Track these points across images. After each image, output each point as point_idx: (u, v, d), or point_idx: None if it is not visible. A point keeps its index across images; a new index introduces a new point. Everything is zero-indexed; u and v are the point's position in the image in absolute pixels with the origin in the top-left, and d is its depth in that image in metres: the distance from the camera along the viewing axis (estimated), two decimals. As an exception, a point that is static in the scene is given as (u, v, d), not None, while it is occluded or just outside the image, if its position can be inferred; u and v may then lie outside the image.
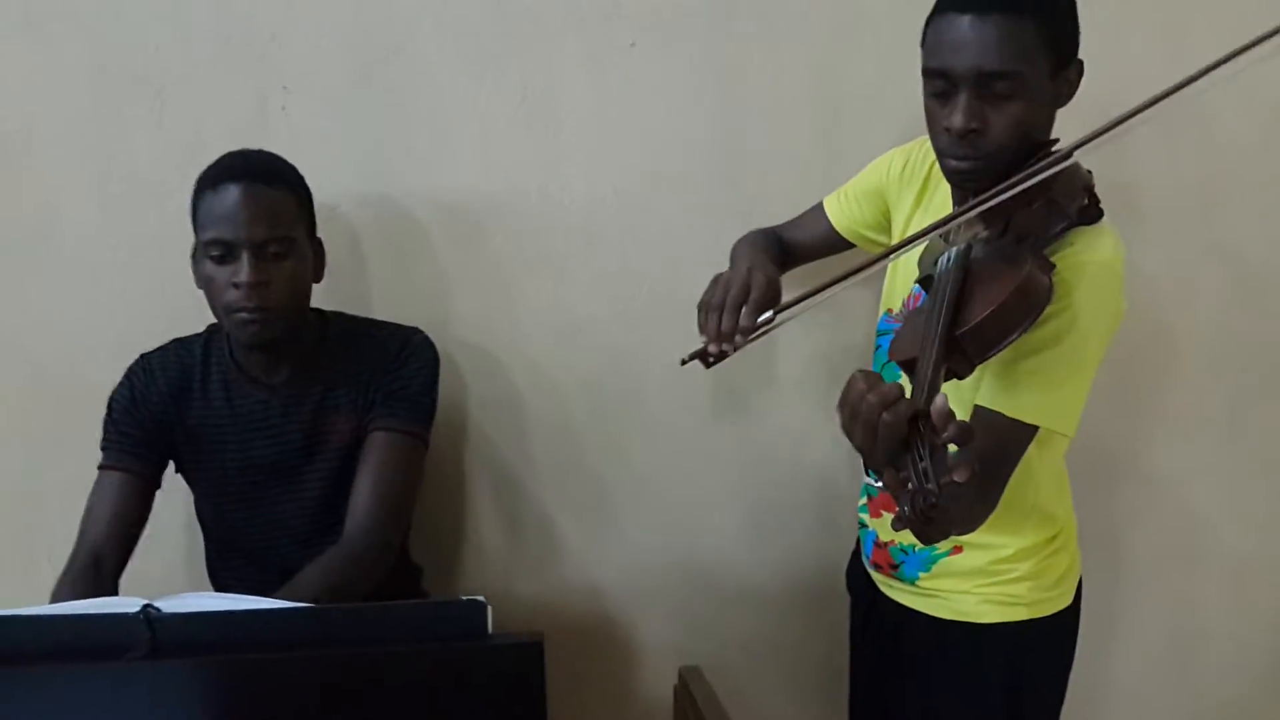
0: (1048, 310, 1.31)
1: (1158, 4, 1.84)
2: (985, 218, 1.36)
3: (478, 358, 1.92)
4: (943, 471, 1.09)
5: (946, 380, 1.26)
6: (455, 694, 1.13)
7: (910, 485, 1.10)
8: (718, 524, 2.01)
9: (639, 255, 1.89)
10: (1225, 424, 2.04)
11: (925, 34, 1.38)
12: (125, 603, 1.10)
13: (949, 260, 1.36)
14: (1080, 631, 1.65)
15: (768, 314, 1.45)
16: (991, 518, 1.38)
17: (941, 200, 1.54)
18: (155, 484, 1.67)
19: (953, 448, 1.13)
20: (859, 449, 1.19)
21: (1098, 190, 1.41)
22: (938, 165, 1.47)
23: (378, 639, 1.11)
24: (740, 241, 1.75)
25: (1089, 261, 1.35)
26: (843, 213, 1.71)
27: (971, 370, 1.30)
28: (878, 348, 1.62)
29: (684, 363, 1.53)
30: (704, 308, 1.50)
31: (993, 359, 1.34)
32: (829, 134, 1.86)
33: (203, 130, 1.77)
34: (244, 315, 1.54)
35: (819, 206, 1.75)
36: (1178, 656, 2.14)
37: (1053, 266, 1.33)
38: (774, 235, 1.78)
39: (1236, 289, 1.98)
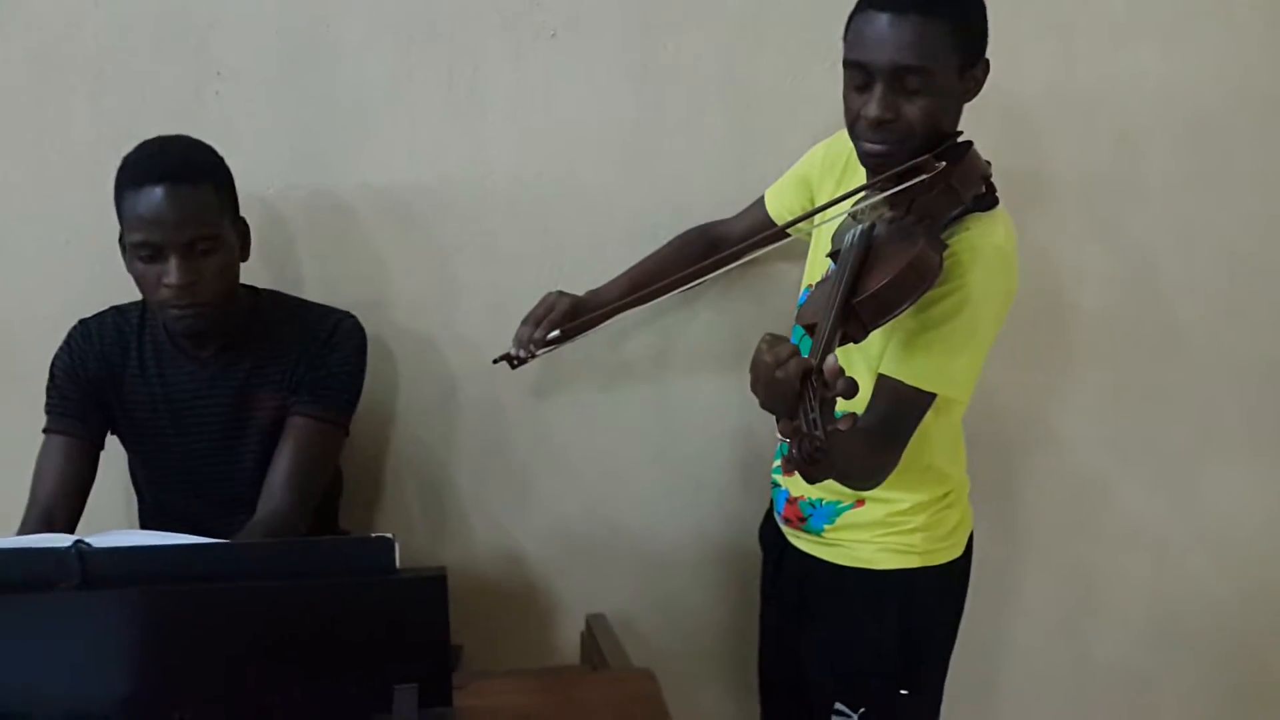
0: (945, 288, 1.44)
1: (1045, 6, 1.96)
2: (890, 200, 1.47)
3: (406, 336, 1.99)
4: (830, 421, 1.21)
5: (843, 343, 1.37)
6: (366, 624, 1.22)
7: (801, 431, 1.22)
8: (634, 491, 2.09)
9: (562, 236, 1.98)
10: (1112, 394, 2.16)
11: (847, 28, 1.48)
12: (57, 538, 1.18)
13: (854, 236, 1.48)
14: (976, 593, 1.78)
15: (555, 332, 1.79)
16: (892, 474, 1.51)
17: (856, 184, 1.63)
18: (99, 445, 1.73)
19: (842, 404, 1.26)
20: (761, 405, 1.32)
21: (1006, 179, 1.53)
22: (850, 154, 1.61)
23: (294, 573, 1.20)
24: (659, 249, 1.91)
25: (983, 245, 1.47)
26: (778, 201, 1.83)
27: (865, 335, 1.41)
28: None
29: (495, 362, 1.83)
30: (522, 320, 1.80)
31: (895, 333, 1.48)
32: (741, 119, 1.96)
33: (139, 114, 1.83)
34: (176, 311, 1.59)
35: (761, 198, 1.86)
36: (1066, 617, 2.25)
37: (945, 246, 1.45)
38: (700, 233, 1.92)
39: (1119, 269, 2.10)
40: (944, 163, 1.43)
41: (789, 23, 1.92)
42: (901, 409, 1.50)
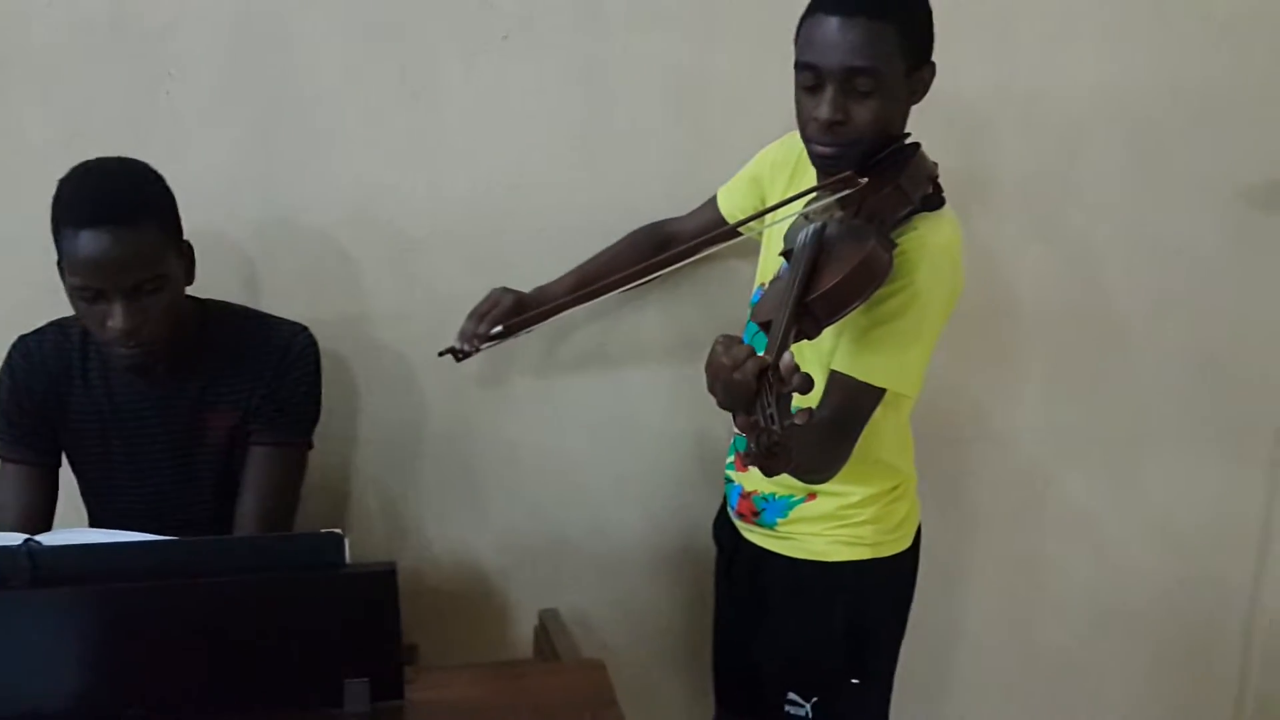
0: (893, 286, 1.48)
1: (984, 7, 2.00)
2: (841, 200, 1.51)
3: (359, 337, 1.99)
4: (786, 416, 1.24)
5: (797, 340, 1.40)
6: (317, 619, 1.24)
7: (759, 426, 1.24)
8: (589, 489, 2.11)
9: (515, 236, 1.99)
10: (1054, 389, 2.20)
11: (799, 31, 1.52)
12: (7, 538, 1.19)
13: (807, 236, 1.51)
14: (926, 583, 1.82)
15: (499, 328, 1.82)
16: (843, 468, 1.55)
17: (807, 184, 1.66)
18: (55, 464, 1.70)
19: (798, 400, 1.29)
20: (719, 404, 1.34)
21: (949, 178, 1.58)
22: (800, 155, 1.65)
23: (245, 568, 1.22)
24: (610, 246, 1.94)
25: (930, 244, 1.51)
26: (730, 200, 1.86)
27: (819, 332, 1.44)
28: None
29: (440, 354, 1.84)
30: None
31: (846, 330, 1.52)
32: (694, 119, 1.98)
33: (91, 114, 1.83)
34: (124, 351, 1.54)
35: (713, 197, 1.89)
36: (1013, 606, 2.30)
37: (894, 245, 1.49)
38: (651, 231, 1.95)
39: (1060, 266, 2.14)
40: (865, 179, 1.47)
41: (741, 23, 1.95)
42: (853, 404, 1.54)
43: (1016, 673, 2.33)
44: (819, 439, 1.50)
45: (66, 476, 1.75)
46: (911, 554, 1.79)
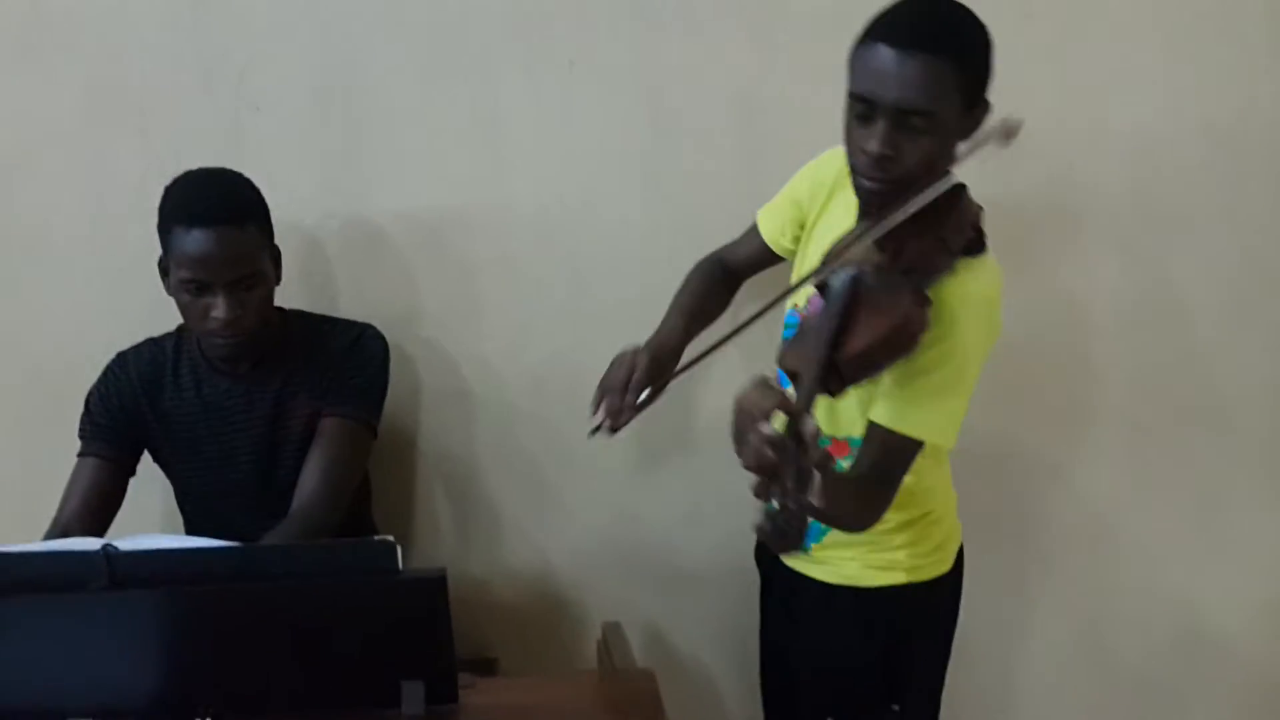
0: (934, 335, 1.44)
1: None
2: (879, 242, 1.44)
3: (431, 354, 2.08)
4: (804, 491, 1.17)
5: (822, 393, 1.38)
6: (372, 623, 1.31)
7: (777, 505, 1.19)
8: (658, 507, 2.15)
9: (582, 258, 2.05)
10: (1127, 416, 2.16)
11: (853, 57, 1.43)
12: (87, 542, 1.28)
13: (843, 283, 1.46)
14: (990, 606, 1.82)
15: (645, 393, 1.69)
16: None
17: (840, 208, 1.64)
18: (128, 469, 1.84)
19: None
20: (742, 463, 1.27)
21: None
22: (837, 176, 1.62)
23: (305, 573, 1.29)
24: (684, 284, 1.87)
25: (972, 294, 1.48)
26: (770, 223, 1.81)
27: (843, 391, 1.42)
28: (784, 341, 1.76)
29: (592, 434, 1.73)
30: (600, 388, 1.74)
31: (885, 380, 1.49)
32: (754, 138, 2.02)
33: (184, 148, 1.93)
34: (220, 341, 1.72)
35: (754, 223, 1.84)
36: (1087, 641, 2.25)
37: (929, 301, 1.45)
38: (715, 262, 1.90)
39: (1136, 289, 2.11)
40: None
41: (799, 42, 1.97)
42: (891, 457, 1.52)
43: (1086, 700, 2.27)
44: (858, 491, 1.49)
45: (154, 484, 1.88)
46: (952, 577, 1.75)
